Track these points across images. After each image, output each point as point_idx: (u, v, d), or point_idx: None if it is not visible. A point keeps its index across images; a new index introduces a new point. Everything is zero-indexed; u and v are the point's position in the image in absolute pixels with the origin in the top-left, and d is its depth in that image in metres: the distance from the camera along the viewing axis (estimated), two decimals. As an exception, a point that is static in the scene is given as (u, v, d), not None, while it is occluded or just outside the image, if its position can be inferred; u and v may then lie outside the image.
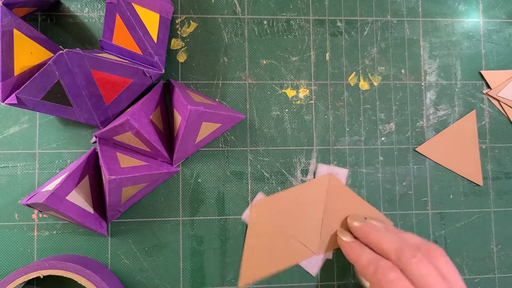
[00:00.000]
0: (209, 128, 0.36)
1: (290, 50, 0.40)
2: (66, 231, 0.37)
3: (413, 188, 0.40)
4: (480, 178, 0.41)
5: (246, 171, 0.39)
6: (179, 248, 0.38)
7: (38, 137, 0.37)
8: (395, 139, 0.41)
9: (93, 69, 0.32)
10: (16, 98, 0.30)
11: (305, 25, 0.40)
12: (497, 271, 0.40)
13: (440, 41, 0.42)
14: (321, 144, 0.40)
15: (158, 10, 0.36)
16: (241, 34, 0.40)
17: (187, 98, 0.34)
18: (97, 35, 0.38)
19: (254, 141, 0.39)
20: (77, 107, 0.34)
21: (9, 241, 0.36)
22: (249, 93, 0.40)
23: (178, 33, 0.39)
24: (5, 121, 0.37)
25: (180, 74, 0.39)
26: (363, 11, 0.41)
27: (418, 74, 0.41)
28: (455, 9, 0.42)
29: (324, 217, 0.38)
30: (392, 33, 0.41)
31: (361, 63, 0.41)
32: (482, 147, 0.41)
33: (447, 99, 0.41)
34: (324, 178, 0.39)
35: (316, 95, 0.40)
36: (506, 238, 0.41)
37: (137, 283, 0.37)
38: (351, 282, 0.39)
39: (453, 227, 0.40)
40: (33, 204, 0.33)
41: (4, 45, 0.30)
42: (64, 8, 0.38)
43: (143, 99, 0.35)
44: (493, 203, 0.41)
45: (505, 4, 0.43)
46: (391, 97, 0.41)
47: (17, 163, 0.37)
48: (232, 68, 0.39)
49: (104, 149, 0.35)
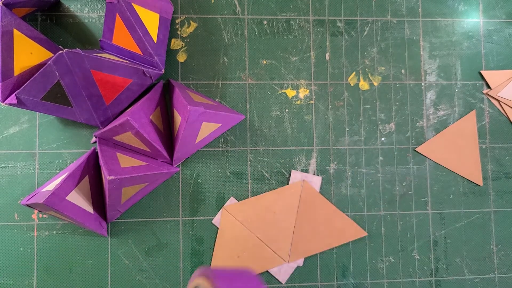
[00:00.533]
0: (209, 128, 0.36)
1: (290, 50, 0.40)
2: (66, 231, 0.37)
3: (413, 188, 0.40)
4: (480, 178, 0.41)
5: (246, 171, 0.39)
6: (179, 248, 0.38)
7: (38, 137, 0.37)
8: (395, 139, 0.41)
9: (93, 69, 0.32)
10: (16, 98, 0.30)
11: (305, 25, 0.40)
12: (497, 271, 0.40)
13: (440, 41, 0.42)
14: (321, 144, 0.40)
15: (158, 10, 0.36)
16: (241, 34, 0.40)
17: (187, 98, 0.34)
18: (97, 35, 0.38)
19: (254, 141, 0.39)
20: (77, 107, 0.34)
21: (9, 241, 0.36)
22: (249, 93, 0.40)
23: (178, 33, 0.39)
24: (5, 121, 0.37)
25: (180, 74, 0.39)
26: (363, 11, 0.41)
27: (418, 74, 0.41)
28: (455, 9, 0.42)
29: (296, 224, 0.38)
30: (392, 33, 0.41)
31: (361, 63, 0.41)
32: (482, 147, 0.41)
33: (447, 99, 0.41)
34: (297, 184, 0.39)
35: (316, 95, 0.40)
36: (506, 238, 0.41)
37: (137, 283, 0.37)
38: (351, 282, 0.39)
39: (453, 227, 0.40)
40: (33, 204, 0.33)
41: (4, 45, 0.30)
42: (64, 8, 0.38)
43: (143, 99, 0.35)
44: (493, 203, 0.41)
45: (505, 4, 0.43)
46: (391, 97, 0.41)
47: (17, 163, 0.37)
48: (232, 68, 0.39)
49: (104, 149, 0.35)
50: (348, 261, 0.39)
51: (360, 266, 0.39)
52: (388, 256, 0.39)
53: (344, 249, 0.39)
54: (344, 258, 0.39)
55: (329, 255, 0.39)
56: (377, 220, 0.40)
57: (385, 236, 0.40)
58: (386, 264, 0.39)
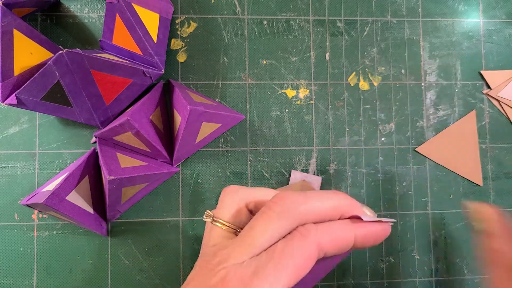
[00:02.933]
0: (209, 128, 0.36)
1: (290, 50, 0.40)
2: (66, 231, 0.37)
3: (413, 188, 0.40)
4: (480, 178, 0.41)
5: (246, 171, 0.39)
6: (179, 248, 0.38)
7: (38, 137, 0.37)
8: (395, 139, 0.41)
9: (93, 69, 0.32)
10: (16, 98, 0.30)
11: (305, 25, 0.40)
12: (497, 271, 0.40)
13: (440, 41, 0.42)
14: (321, 144, 0.40)
15: (158, 10, 0.36)
16: (241, 34, 0.40)
17: (187, 98, 0.34)
18: (97, 35, 0.38)
19: (254, 141, 0.39)
20: (77, 107, 0.34)
21: (9, 241, 0.36)
22: (249, 93, 0.39)
23: (178, 33, 0.39)
24: (5, 121, 0.37)
25: (180, 74, 0.39)
26: (363, 11, 0.41)
27: (418, 74, 0.41)
28: (455, 9, 0.42)
29: None
30: (392, 33, 0.41)
31: (361, 63, 0.41)
32: (482, 147, 0.41)
33: (447, 99, 0.41)
34: (296, 184, 0.39)
35: (316, 95, 0.40)
36: (506, 238, 0.41)
37: (137, 283, 0.37)
38: (351, 282, 0.39)
39: (453, 227, 0.40)
40: (33, 204, 0.33)
41: (4, 45, 0.30)
42: (64, 8, 0.38)
43: (143, 99, 0.35)
44: (493, 203, 0.41)
45: (505, 4, 0.43)
46: (391, 97, 0.41)
47: (17, 163, 0.37)
48: (232, 68, 0.39)
49: (104, 149, 0.35)
50: (348, 261, 0.39)
51: (360, 266, 0.39)
52: (388, 256, 0.39)
53: (344, 249, 0.39)
54: (344, 258, 0.39)
55: (329, 255, 0.39)
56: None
57: (385, 236, 0.40)
58: (386, 264, 0.39)
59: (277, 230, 0.19)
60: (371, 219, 0.20)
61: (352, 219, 0.20)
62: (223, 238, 0.21)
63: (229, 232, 0.22)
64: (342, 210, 0.20)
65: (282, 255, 0.18)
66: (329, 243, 0.19)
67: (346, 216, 0.20)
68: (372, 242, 0.20)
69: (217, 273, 0.18)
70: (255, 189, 0.23)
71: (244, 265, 0.18)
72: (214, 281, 0.18)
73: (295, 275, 0.18)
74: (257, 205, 0.22)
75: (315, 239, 0.18)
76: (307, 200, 0.19)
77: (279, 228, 0.19)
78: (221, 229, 0.22)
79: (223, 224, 0.22)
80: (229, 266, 0.18)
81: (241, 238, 0.19)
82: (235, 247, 0.19)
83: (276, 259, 0.18)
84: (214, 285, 0.18)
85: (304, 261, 0.18)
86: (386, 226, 0.20)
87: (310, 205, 0.19)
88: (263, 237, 0.19)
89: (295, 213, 0.19)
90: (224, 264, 0.18)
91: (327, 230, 0.19)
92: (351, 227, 0.19)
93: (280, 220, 0.19)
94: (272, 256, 0.18)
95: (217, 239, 0.21)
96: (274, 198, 0.20)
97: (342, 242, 0.19)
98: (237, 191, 0.23)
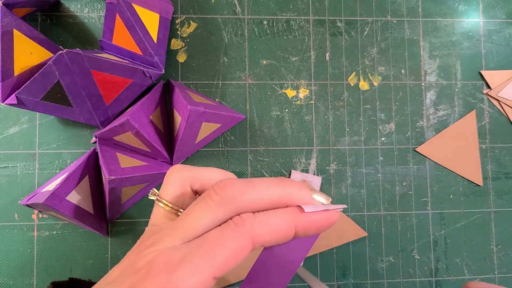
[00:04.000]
0: (209, 128, 0.36)
1: (290, 50, 0.40)
2: (66, 231, 0.37)
3: (413, 188, 0.40)
4: (480, 178, 0.41)
5: (246, 171, 0.39)
6: (179, 248, 0.38)
7: (38, 137, 0.37)
8: (395, 139, 0.41)
9: (93, 69, 0.32)
10: (16, 98, 0.30)
11: (305, 25, 0.40)
12: (497, 271, 0.40)
13: (440, 41, 0.42)
14: (321, 144, 0.40)
15: (158, 10, 0.36)
16: (241, 34, 0.40)
17: (187, 98, 0.34)
18: (97, 35, 0.38)
19: (254, 141, 0.39)
20: (77, 107, 0.34)
21: (9, 241, 0.36)
22: (249, 93, 0.39)
23: (178, 33, 0.39)
24: (5, 121, 0.37)
25: (180, 74, 0.39)
26: (363, 11, 0.41)
27: (418, 74, 0.41)
28: (455, 9, 0.42)
29: None
30: (392, 33, 0.41)
31: (361, 63, 0.41)
32: (482, 147, 0.41)
33: (447, 99, 0.41)
34: None
35: (316, 95, 0.40)
36: (506, 238, 0.41)
37: (137, 283, 0.37)
38: (351, 282, 0.39)
39: (453, 227, 0.40)
40: (33, 204, 0.33)
41: (4, 45, 0.30)
42: (64, 8, 0.38)
43: (143, 99, 0.35)
44: (493, 203, 0.41)
45: (505, 4, 0.43)
46: (391, 97, 0.41)
47: (17, 163, 0.37)
48: (232, 68, 0.39)
49: (104, 149, 0.35)
50: (348, 261, 0.39)
51: (360, 266, 0.39)
52: (388, 256, 0.39)
53: (344, 249, 0.39)
54: (344, 258, 0.39)
55: (329, 255, 0.39)
56: (377, 220, 0.40)
57: (385, 236, 0.40)
58: (386, 264, 0.39)
59: (213, 218, 0.18)
60: (315, 209, 0.19)
61: (297, 207, 0.19)
62: (164, 218, 0.21)
63: (171, 213, 0.21)
64: (289, 198, 0.19)
65: (213, 244, 0.17)
66: (266, 234, 0.18)
67: (293, 204, 0.19)
68: (314, 231, 0.19)
69: (146, 256, 0.17)
70: (201, 169, 0.22)
71: (174, 250, 0.17)
72: (140, 264, 0.17)
73: (223, 266, 0.17)
74: (203, 185, 0.22)
75: (250, 230, 0.18)
76: (250, 190, 0.18)
77: (216, 217, 0.18)
78: (163, 209, 0.21)
79: (166, 205, 0.21)
80: (159, 249, 0.17)
81: (177, 222, 0.19)
82: (169, 230, 0.18)
83: (205, 247, 0.17)
84: (140, 268, 0.17)
85: (235, 252, 0.17)
86: (332, 214, 0.19)
87: (253, 194, 0.18)
88: (197, 223, 0.18)
89: (235, 203, 0.18)
90: (155, 246, 0.18)
91: (264, 221, 0.18)
92: (292, 217, 0.18)
93: (218, 208, 0.18)
94: (202, 244, 0.17)
95: (158, 219, 0.21)
96: (215, 185, 0.19)
97: (280, 233, 0.18)
98: (182, 171, 0.22)
